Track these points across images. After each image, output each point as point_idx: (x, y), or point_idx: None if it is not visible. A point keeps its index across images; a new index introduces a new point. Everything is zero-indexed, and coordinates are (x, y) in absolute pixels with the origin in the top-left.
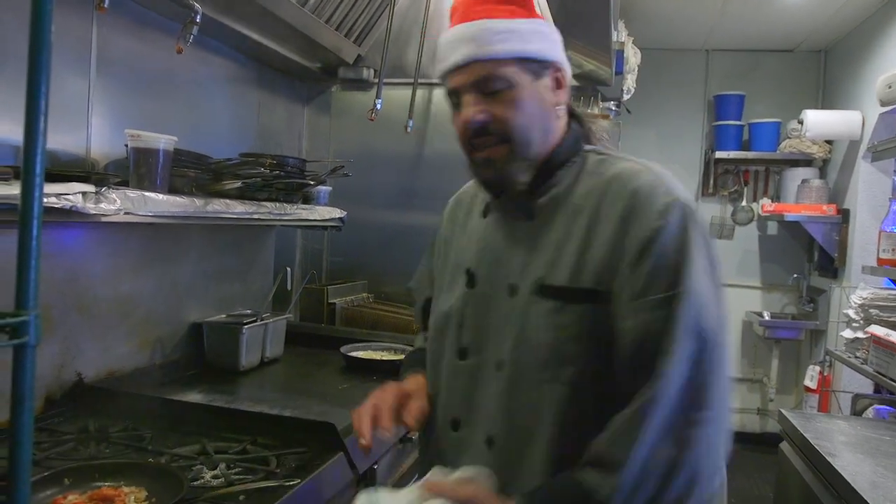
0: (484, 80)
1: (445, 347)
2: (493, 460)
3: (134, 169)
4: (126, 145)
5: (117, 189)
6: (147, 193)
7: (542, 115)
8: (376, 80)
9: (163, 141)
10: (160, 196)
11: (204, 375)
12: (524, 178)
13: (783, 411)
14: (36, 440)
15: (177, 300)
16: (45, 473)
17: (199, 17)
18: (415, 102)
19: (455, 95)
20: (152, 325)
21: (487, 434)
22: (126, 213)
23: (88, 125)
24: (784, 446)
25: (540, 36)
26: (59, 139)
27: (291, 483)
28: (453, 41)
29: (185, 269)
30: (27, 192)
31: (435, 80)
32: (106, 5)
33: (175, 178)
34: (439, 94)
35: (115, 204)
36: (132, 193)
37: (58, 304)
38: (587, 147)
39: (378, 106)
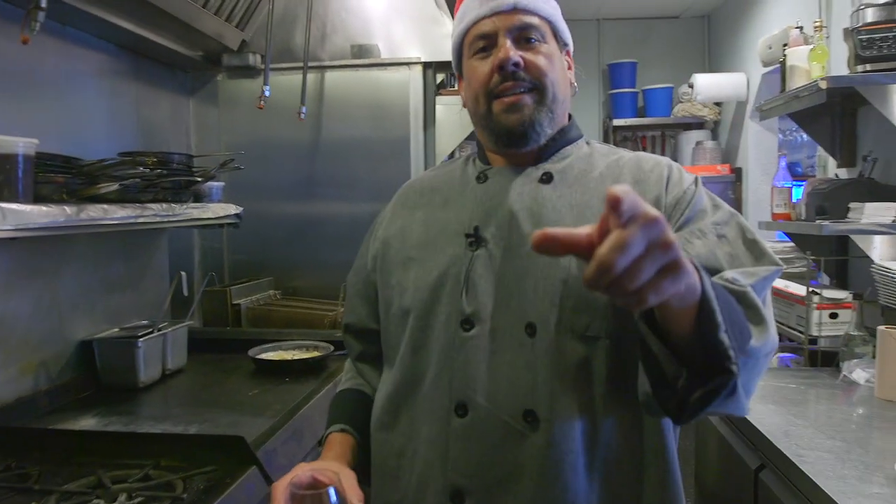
0: (524, 27)
1: (435, 323)
2: (534, 437)
3: None
4: None
5: None
6: (6, 205)
7: (564, 82)
8: (263, 66)
9: (21, 144)
10: (21, 206)
11: (98, 397)
12: (549, 132)
13: None
14: None
15: (59, 318)
16: None
17: (43, 1)
18: (306, 87)
19: (485, 39)
20: (33, 348)
21: (524, 408)
22: None
23: None
24: None
25: (560, 16)
26: None
27: None
28: None
29: (67, 284)
30: None
31: (326, 63)
32: None
33: (41, 185)
34: (332, 78)
35: None
36: None
37: None
38: (586, 138)
39: (266, 93)
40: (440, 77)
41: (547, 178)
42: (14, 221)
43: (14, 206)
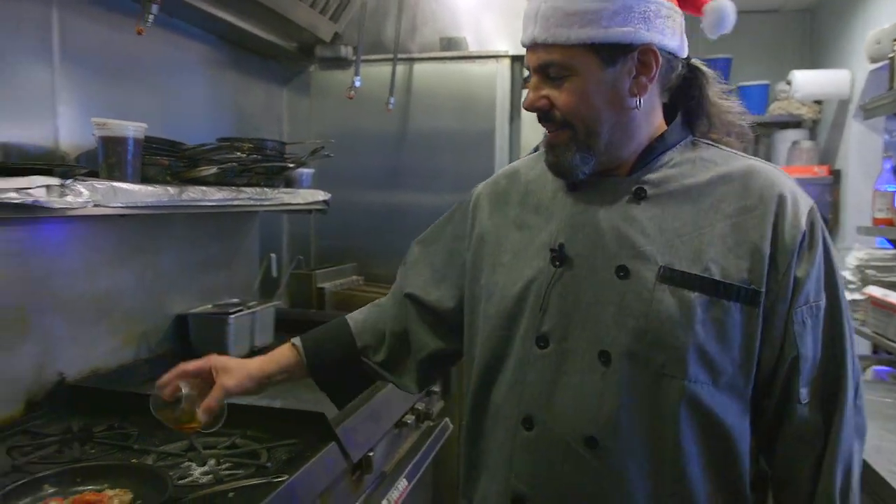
0: (545, 65)
1: (516, 335)
2: (595, 463)
3: (103, 159)
4: (94, 135)
5: (84, 181)
6: (116, 184)
7: (613, 104)
8: (355, 58)
9: (131, 128)
10: (131, 186)
11: None
12: (591, 163)
13: None
14: (18, 444)
15: (159, 293)
16: (24, 480)
17: None
18: (395, 79)
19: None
20: (135, 319)
21: (585, 434)
22: (95, 206)
23: (55, 116)
24: None
25: (625, 17)
26: (25, 132)
27: (281, 479)
28: (526, 17)
29: (167, 261)
30: None
31: (415, 55)
32: None
33: (147, 166)
34: (420, 70)
35: (82, 196)
36: (100, 184)
37: (32, 303)
38: (693, 138)
39: (357, 84)
40: (527, 71)
41: (639, 195)
42: (123, 199)
43: (124, 185)
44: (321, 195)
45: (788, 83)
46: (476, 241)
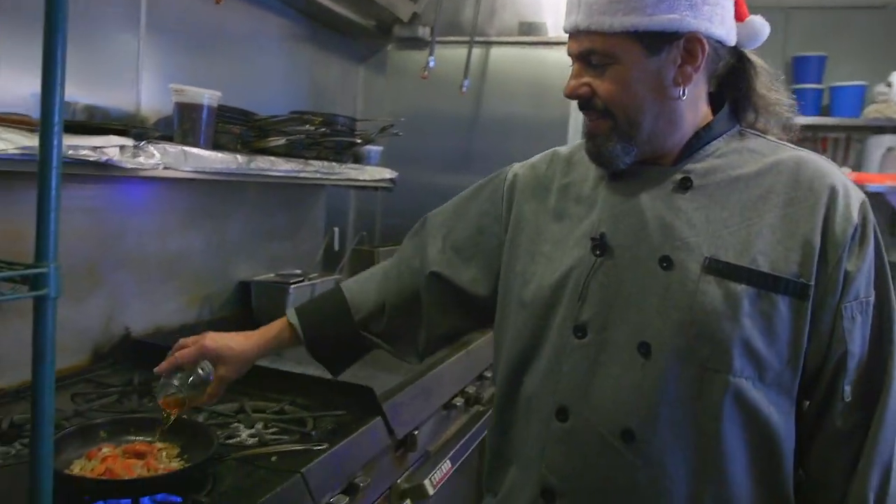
0: (587, 52)
1: (552, 323)
2: (631, 456)
3: (178, 124)
4: (172, 100)
5: (157, 143)
6: (188, 149)
7: (657, 93)
8: (431, 39)
9: (206, 96)
10: (201, 151)
11: None
12: (634, 152)
13: None
14: (81, 391)
15: (225, 258)
16: (81, 425)
17: None
18: (471, 61)
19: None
20: (200, 282)
21: (622, 427)
22: (166, 168)
23: (139, 81)
24: None
25: (671, 3)
26: (110, 95)
27: (323, 447)
28: (569, 3)
29: (235, 227)
30: (45, 142)
31: (493, 38)
32: None
33: (220, 134)
34: (497, 54)
35: (154, 158)
36: (172, 148)
37: (104, 259)
38: (740, 128)
39: (431, 64)
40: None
41: (684, 185)
42: (194, 164)
43: (194, 150)
44: (388, 173)
45: (888, 85)
46: (513, 224)
